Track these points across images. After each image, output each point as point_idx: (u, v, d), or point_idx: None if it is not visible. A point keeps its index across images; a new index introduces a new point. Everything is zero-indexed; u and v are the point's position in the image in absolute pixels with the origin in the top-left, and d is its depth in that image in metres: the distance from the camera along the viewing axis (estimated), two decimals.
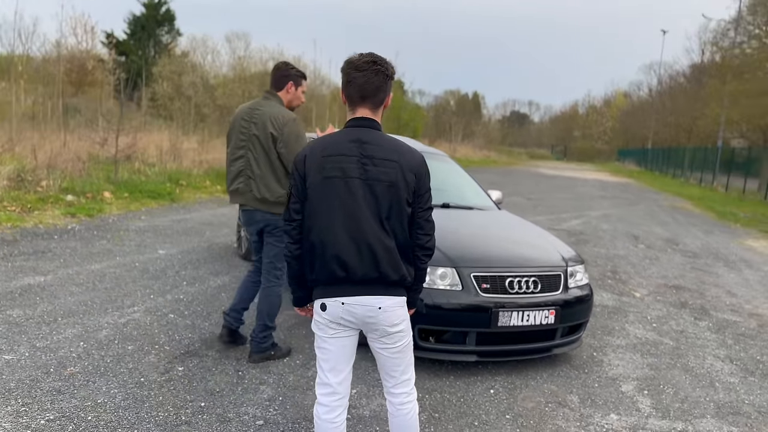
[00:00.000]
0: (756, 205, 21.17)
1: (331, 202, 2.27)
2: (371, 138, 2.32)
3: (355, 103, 2.35)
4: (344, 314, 2.32)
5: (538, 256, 4.36)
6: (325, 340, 2.38)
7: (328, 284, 2.32)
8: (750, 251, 10.78)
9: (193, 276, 5.95)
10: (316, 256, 2.30)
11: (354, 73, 2.31)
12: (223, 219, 9.47)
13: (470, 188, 5.68)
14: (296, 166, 2.34)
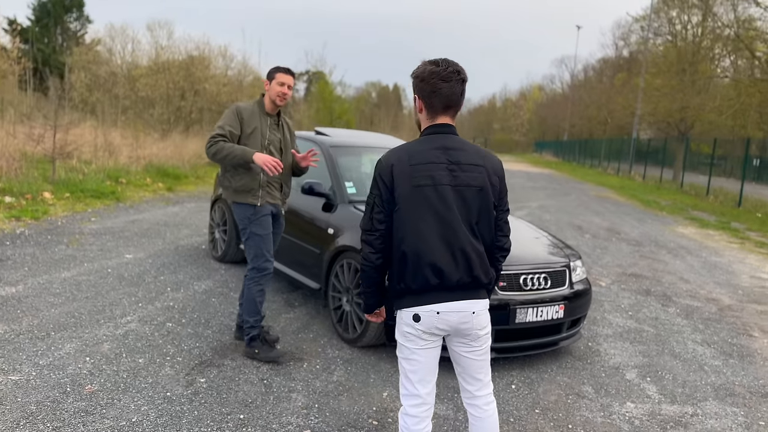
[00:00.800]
0: (673, 193, 22.62)
1: (424, 211, 2.25)
2: (455, 144, 2.34)
3: (438, 112, 2.36)
4: (438, 323, 2.30)
5: (545, 253, 4.50)
6: (414, 351, 2.36)
7: (420, 293, 2.29)
8: (683, 238, 11.53)
9: (175, 281, 5.73)
10: (408, 265, 2.27)
11: (441, 83, 2.30)
12: (177, 219, 9.14)
13: None
14: (381, 175, 2.29)
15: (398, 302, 2.37)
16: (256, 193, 4.00)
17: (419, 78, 2.34)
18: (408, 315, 2.33)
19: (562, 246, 4.83)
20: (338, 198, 4.87)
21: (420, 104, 2.37)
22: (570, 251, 4.72)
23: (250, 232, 4.01)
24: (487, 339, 2.44)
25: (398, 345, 2.42)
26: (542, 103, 74.46)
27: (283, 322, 4.82)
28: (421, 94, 2.35)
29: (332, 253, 4.58)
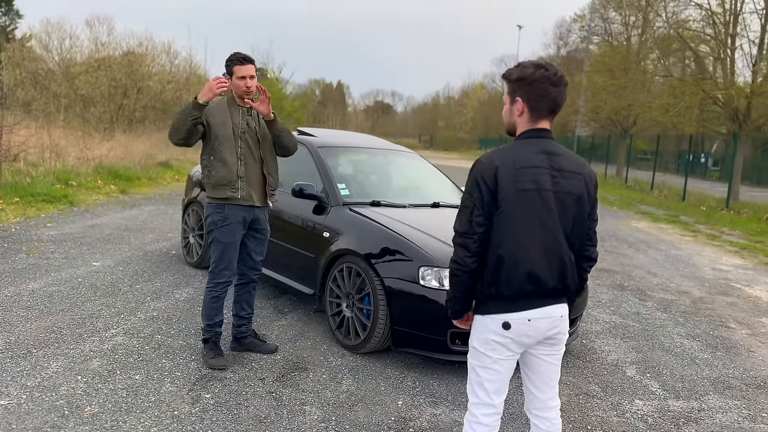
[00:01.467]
0: (619, 188, 23.36)
1: (526, 216, 2.19)
2: (556, 149, 2.28)
3: (542, 116, 2.27)
4: (529, 331, 2.24)
5: None
6: (496, 361, 2.28)
7: (512, 299, 2.22)
8: (640, 232, 11.88)
9: (153, 290, 5.45)
10: (504, 270, 2.20)
11: (551, 88, 2.24)
12: (138, 223, 8.75)
13: (447, 185, 5.71)
14: (484, 177, 2.19)
15: (482, 307, 2.28)
16: (234, 185, 3.82)
17: (526, 81, 2.25)
18: (496, 322, 2.24)
19: None
20: (331, 200, 4.73)
21: (523, 107, 2.27)
22: None
23: (214, 237, 3.88)
24: (564, 342, 2.41)
25: (475, 352, 2.32)
26: (485, 102, 75.58)
27: (277, 330, 4.64)
28: (527, 97, 2.26)
29: (329, 258, 4.44)
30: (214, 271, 3.91)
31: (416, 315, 3.91)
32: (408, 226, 4.32)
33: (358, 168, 5.40)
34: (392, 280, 3.98)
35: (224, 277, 3.91)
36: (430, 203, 5.06)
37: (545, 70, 2.24)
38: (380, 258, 4.08)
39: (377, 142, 6.00)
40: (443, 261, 3.92)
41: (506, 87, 2.33)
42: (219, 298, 3.95)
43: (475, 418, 2.35)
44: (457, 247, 2.26)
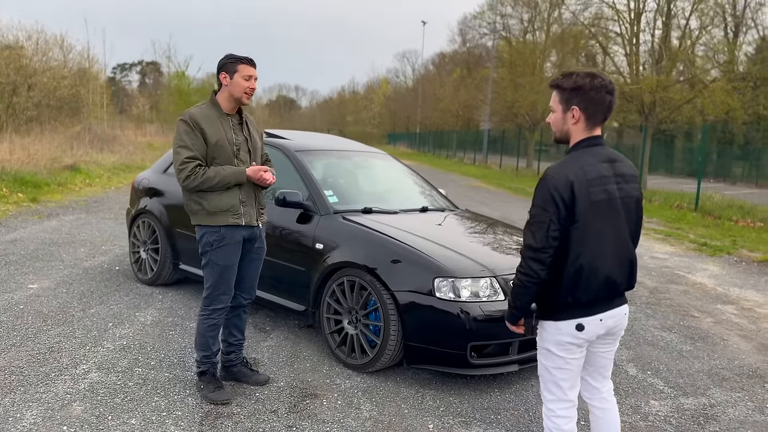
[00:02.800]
0: (532, 180, 24.16)
1: (602, 225, 2.29)
2: (615, 156, 2.40)
3: (597, 124, 2.37)
4: (599, 329, 2.39)
5: None
6: (569, 361, 2.41)
7: (589, 304, 2.34)
8: None
9: (111, 314, 4.89)
10: (583, 279, 2.29)
11: (607, 96, 2.32)
12: (63, 236, 7.94)
13: (424, 186, 5.51)
14: (559, 192, 2.22)
15: (557, 314, 2.38)
16: (237, 211, 3.45)
17: (582, 89, 2.31)
18: (569, 325, 2.36)
19: None
20: (320, 208, 4.40)
21: (579, 115, 2.34)
22: None
23: (210, 259, 3.47)
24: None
25: (549, 355, 2.44)
26: (390, 96, 76.26)
27: (266, 352, 4.28)
28: (585, 105, 2.32)
29: (326, 271, 4.13)
30: (210, 297, 3.50)
31: (432, 329, 3.69)
32: (413, 234, 4.09)
33: (338, 172, 5.10)
34: (404, 293, 3.74)
35: (222, 302, 3.52)
36: (419, 208, 4.86)
37: (600, 79, 2.32)
38: (389, 270, 3.83)
39: (351, 144, 5.71)
40: (458, 271, 3.73)
41: (556, 96, 2.38)
42: (217, 326, 3.55)
43: (553, 412, 2.49)
44: (530, 261, 2.30)
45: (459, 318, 3.62)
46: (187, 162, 3.30)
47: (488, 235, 4.59)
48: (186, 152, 3.32)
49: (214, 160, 3.39)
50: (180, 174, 3.32)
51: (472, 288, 3.71)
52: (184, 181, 3.32)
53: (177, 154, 3.33)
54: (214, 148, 3.38)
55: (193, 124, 3.35)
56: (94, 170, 15.55)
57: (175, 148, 3.35)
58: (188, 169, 3.30)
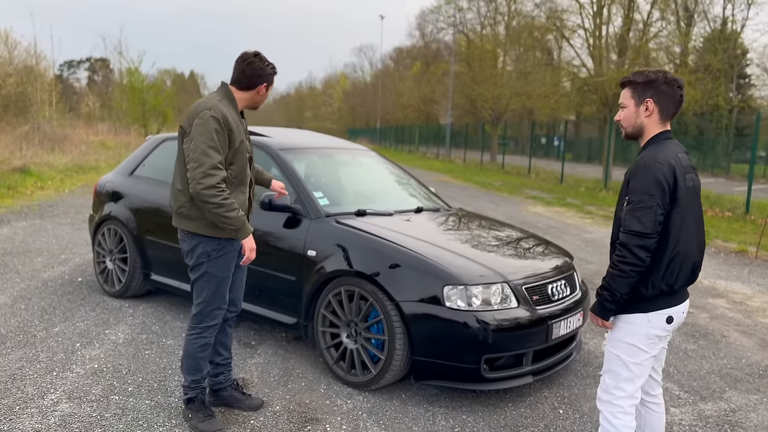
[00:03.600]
0: (497, 174, 24.18)
1: (692, 211, 2.37)
2: (683, 149, 2.48)
3: (669, 118, 2.44)
4: (681, 320, 2.46)
5: (557, 257, 4.17)
6: (649, 358, 2.43)
7: (677, 292, 2.39)
8: (543, 217, 12.16)
9: (78, 333, 4.44)
10: (677, 265, 2.34)
11: (679, 90, 2.40)
12: (17, 244, 7.35)
13: (419, 187, 5.20)
14: (666, 177, 2.28)
15: (647, 305, 2.37)
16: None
17: (655, 83, 2.37)
18: (660, 317, 2.38)
19: (549, 241, 4.55)
20: (310, 212, 4.05)
21: (653, 108, 2.40)
22: (567, 251, 4.45)
23: (206, 271, 3.07)
24: None
25: (632, 350, 2.41)
26: (349, 92, 75.81)
27: (255, 371, 3.91)
28: (658, 98, 2.39)
29: (320, 280, 3.79)
30: (203, 313, 3.12)
31: (443, 342, 3.40)
32: (415, 238, 3.78)
33: (325, 172, 4.74)
34: (410, 303, 3.43)
35: (217, 318, 3.15)
36: (414, 208, 4.54)
37: (671, 74, 2.38)
38: (392, 279, 3.51)
39: (334, 141, 5.35)
40: (468, 277, 3.44)
41: (628, 92, 2.44)
42: (208, 345, 3.17)
43: (621, 409, 2.45)
44: (636, 249, 2.28)
45: (472, 329, 3.33)
46: (218, 170, 2.89)
47: (492, 237, 4.30)
48: (218, 156, 2.89)
49: (231, 166, 3.02)
50: (206, 179, 2.85)
51: (483, 295, 3.43)
52: (206, 189, 2.85)
53: (206, 156, 2.86)
54: (235, 153, 3.01)
55: (224, 122, 2.93)
56: (46, 172, 14.73)
57: (204, 148, 2.86)
58: (218, 179, 2.88)
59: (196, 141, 2.90)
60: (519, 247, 4.17)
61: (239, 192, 3.07)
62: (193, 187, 2.88)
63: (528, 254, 4.08)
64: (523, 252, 4.09)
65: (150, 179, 5.19)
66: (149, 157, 5.38)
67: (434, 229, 4.16)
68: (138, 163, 5.41)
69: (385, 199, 4.71)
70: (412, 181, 5.26)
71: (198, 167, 2.87)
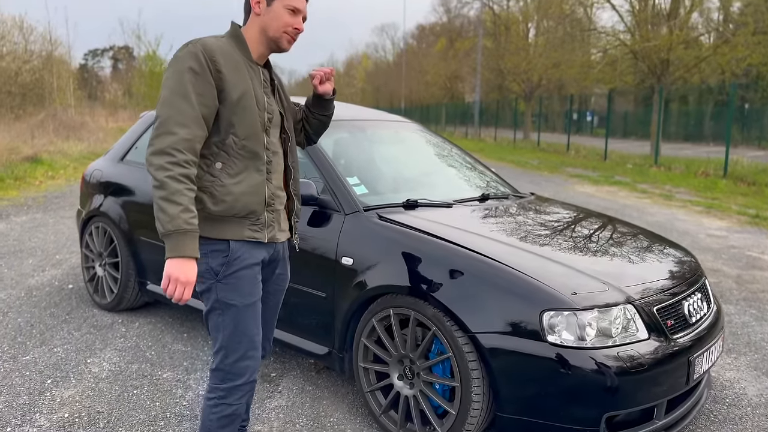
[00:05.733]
0: (532, 152, 22.89)
1: None
2: None
3: None
4: None
5: (682, 260, 3.07)
6: None
7: None
8: (595, 198, 10.99)
9: (53, 364, 3.49)
10: None
11: None
12: (10, 243, 6.48)
13: (478, 167, 4.10)
14: None
15: None
16: (260, 218, 2.05)
17: None
18: None
19: (661, 236, 3.45)
20: (342, 204, 3.01)
21: None
22: (686, 248, 3.35)
23: (218, 299, 2.02)
24: None
25: None
26: (372, 72, 74.62)
27: (277, 420, 2.91)
28: None
29: (360, 299, 2.76)
30: (222, 368, 2.04)
31: (542, 393, 2.35)
32: (491, 239, 2.73)
33: (360, 151, 3.69)
34: (493, 336, 2.38)
35: (245, 373, 2.05)
36: (478, 196, 3.47)
37: None
38: (464, 300, 2.46)
39: (370, 113, 4.27)
40: (578, 298, 2.38)
41: None
42: (235, 416, 2.08)
43: None
44: None
45: (586, 374, 2.27)
46: (182, 128, 1.86)
47: (592, 234, 3.18)
48: (188, 109, 1.87)
49: (231, 128, 1.97)
50: (159, 140, 1.86)
51: (599, 323, 2.37)
52: (153, 155, 1.85)
53: (170, 107, 1.88)
54: (235, 107, 1.96)
55: (208, 59, 1.91)
56: (59, 161, 13.96)
57: (169, 97, 1.89)
58: (175, 140, 1.85)
59: (163, 88, 1.93)
60: (632, 248, 3.07)
61: (250, 171, 2.01)
62: (147, 154, 1.88)
63: (648, 258, 2.98)
64: (640, 255, 2.99)
65: (143, 165, 4.20)
66: (142, 138, 4.39)
67: (512, 225, 3.09)
68: (129, 147, 4.43)
69: (438, 185, 3.64)
70: (468, 160, 4.15)
71: (156, 128, 1.89)
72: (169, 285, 1.83)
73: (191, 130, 1.87)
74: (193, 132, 1.88)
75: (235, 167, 1.98)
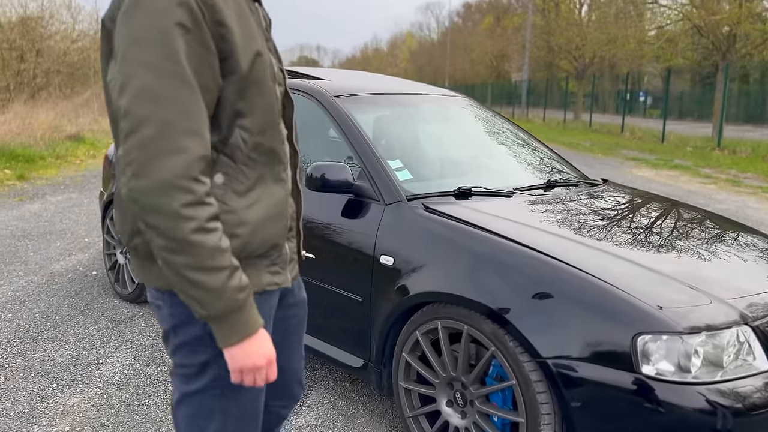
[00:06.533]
0: (584, 133, 21.92)
1: None
2: None
3: None
4: None
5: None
6: None
7: None
8: (655, 182, 10.25)
9: (61, 363, 3.16)
10: None
11: None
12: (41, 224, 6.26)
13: (541, 149, 3.54)
14: None
15: None
16: (281, 253, 1.39)
17: None
18: None
19: (753, 228, 2.88)
20: (382, 192, 2.54)
21: None
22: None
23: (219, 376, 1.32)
24: None
25: None
26: (416, 51, 73.71)
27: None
28: None
29: (401, 307, 2.31)
30: None
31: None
32: (564, 238, 2.23)
33: (405, 130, 3.20)
34: (569, 363, 1.89)
35: None
36: (543, 183, 2.95)
37: None
38: (532, 315, 1.98)
39: (416, 86, 3.76)
40: (681, 317, 1.86)
41: None
42: None
43: None
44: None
45: (690, 414, 1.77)
46: (186, 148, 1.14)
47: (689, 232, 2.64)
48: (191, 101, 1.16)
49: (239, 119, 1.27)
50: (150, 166, 1.12)
51: (708, 350, 1.85)
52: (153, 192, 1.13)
53: (157, 101, 1.13)
54: (245, 83, 1.26)
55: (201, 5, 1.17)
56: (101, 140, 13.89)
57: (152, 80, 1.13)
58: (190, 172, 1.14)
59: (130, 63, 1.15)
60: (738, 249, 2.51)
61: (267, 183, 1.33)
62: (124, 184, 1.16)
63: (758, 260, 2.42)
64: (748, 258, 2.44)
65: None
66: None
67: (588, 221, 2.56)
68: None
69: (494, 169, 3.13)
70: (528, 139, 3.60)
71: (133, 133, 1.13)
72: (244, 378, 1.26)
73: (204, 136, 1.18)
74: (207, 139, 1.19)
75: (246, 179, 1.29)
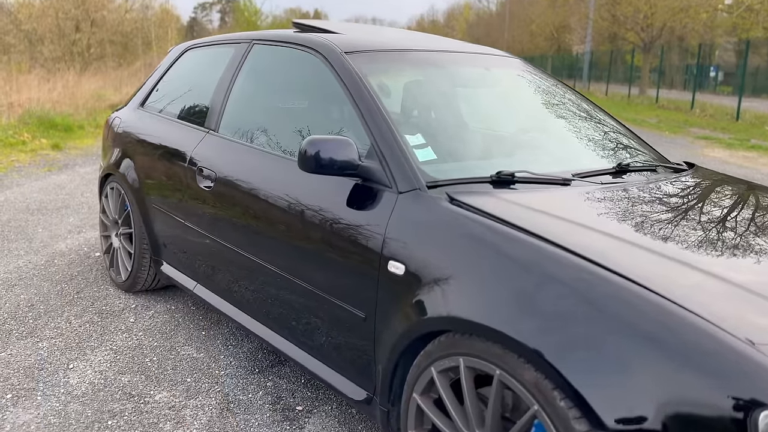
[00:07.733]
0: (650, 109, 20.55)
1: None
2: None
3: None
4: None
5: None
6: None
7: None
8: (731, 165, 9.24)
9: (25, 367, 2.72)
10: None
11: None
12: (60, 197, 5.93)
13: (608, 122, 2.83)
14: None
15: None
16: None
17: None
18: None
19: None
20: (395, 177, 1.93)
21: None
22: None
23: None
24: None
25: None
26: (473, 23, 71.75)
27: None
28: None
29: (413, 331, 1.71)
30: None
31: None
32: (650, 251, 1.58)
33: (432, 98, 2.56)
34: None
35: None
36: (612, 168, 2.26)
37: None
38: (594, 365, 1.35)
39: (450, 44, 3.10)
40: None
41: None
42: None
43: None
44: None
45: None
46: None
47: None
48: None
49: None
50: None
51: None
52: None
53: None
54: None
55: None
56: None
57: None
58: None
59: None
60: None
61: None
62: None
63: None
64: None
65: (162, 112, 3.31)
66: (166, 76, 3.49)
67: (675, 222, 1.88)
68: (151, 89, 3.55)
69: (547, 147, 2.46)
70: (593, 111, 2.89)
71: None
72: None
73: None
74: None
75: None
